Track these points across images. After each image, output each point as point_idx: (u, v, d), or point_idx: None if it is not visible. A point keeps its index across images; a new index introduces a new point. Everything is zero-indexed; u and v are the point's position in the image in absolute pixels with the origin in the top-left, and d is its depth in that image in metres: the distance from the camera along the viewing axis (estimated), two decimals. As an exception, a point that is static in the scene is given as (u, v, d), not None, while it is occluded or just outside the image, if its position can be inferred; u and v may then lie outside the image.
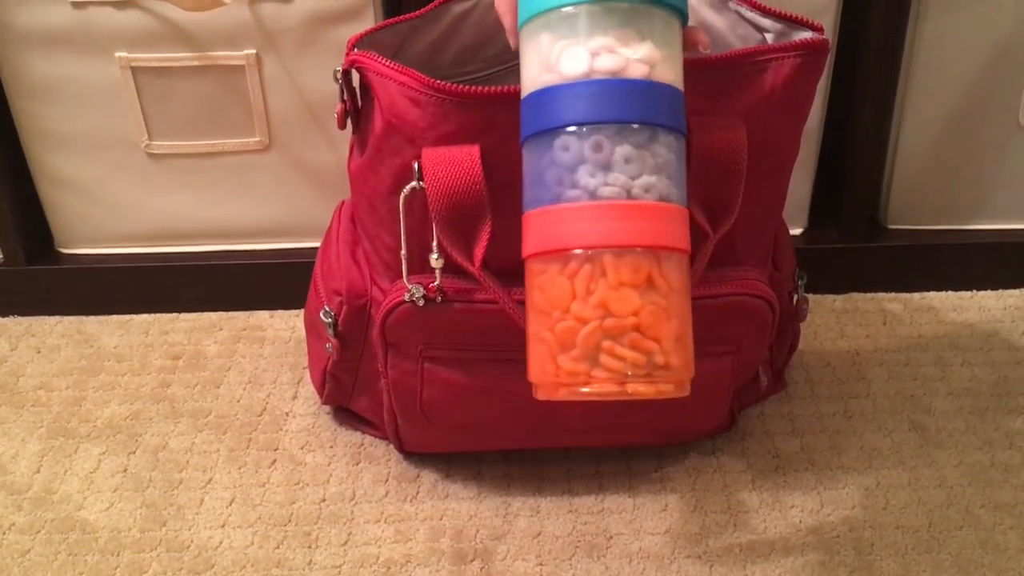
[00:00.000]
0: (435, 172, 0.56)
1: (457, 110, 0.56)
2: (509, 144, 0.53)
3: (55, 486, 0.71)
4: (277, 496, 0.70)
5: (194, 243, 0.90)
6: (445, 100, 0.55)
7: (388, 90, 0.57)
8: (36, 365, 0.84)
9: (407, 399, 0.66)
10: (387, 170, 0.60)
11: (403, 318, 0.61)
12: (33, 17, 0.79)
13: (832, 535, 0.66)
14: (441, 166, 0.56)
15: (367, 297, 0.66)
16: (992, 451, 0.73)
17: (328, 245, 0.72)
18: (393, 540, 0.66)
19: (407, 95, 0.56)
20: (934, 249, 0.90)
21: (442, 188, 0.56)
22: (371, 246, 0.66)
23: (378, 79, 0.58)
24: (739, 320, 0.63)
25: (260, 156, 0.85)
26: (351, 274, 0.67)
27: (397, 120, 0.57)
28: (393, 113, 0.58)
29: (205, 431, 0.76)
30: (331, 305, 0.68)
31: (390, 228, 0.62)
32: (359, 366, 0.69)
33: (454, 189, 0.56)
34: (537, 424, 0.67)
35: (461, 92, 0.55)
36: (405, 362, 0.64)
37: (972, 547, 0.65)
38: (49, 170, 0.87)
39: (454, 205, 0.56)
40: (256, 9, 0.78)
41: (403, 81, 0.57)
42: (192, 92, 0.82)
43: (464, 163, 0.56)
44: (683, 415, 0.68)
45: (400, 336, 0.63)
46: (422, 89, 0.56)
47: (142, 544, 0.66)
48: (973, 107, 0.85)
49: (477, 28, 0.69)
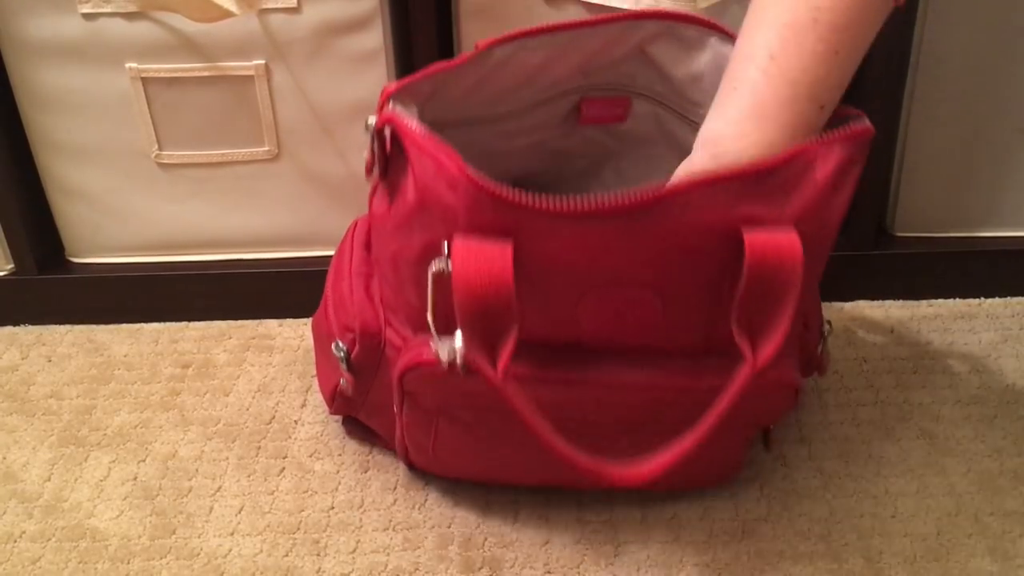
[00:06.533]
0: (464, 267, 0.52)
1: (493, 205, 0.52)
2: (544, 242, 0.52)
3: (65, 494, 0.71)
4: (286, 504, 0.70)
5: (203, 252, 0.91)
6: (482, 193, 0.52)
7: (425, 166, 0.54)
8: (47, 374, 0.84)
9: (420, 440, 0.66)
10: (418, 241, 0.57)
11: (423, 376, 0.60)
12: (44, 29, 0.79)
13: (841, 543, 0.66)
14: (470, 261, 0.52)
15: (381, 337, 0.64)
16: (1001, 459, 0.73)
17: (340, 272, 0.70)
18: (402, 548, 0.66)
19: (445, 177, 0.53)
20: (942, 256, 0.90)
21: (469, 286, 0.52)
22: (391, 292, 0.64)
23: (415, 151, 0.55)
24: (762, 400, 0.62)
25: (269, 166, 0.86)
26: (365, 313, 0.65)
27: (432, 200, 0.54)
28: (429, 191, 0.55)
29: (214, 439, 0.76)
30: (344, 341, 0.66)
31: (415, 289, 0.60)
32: (369, 393, 0.69)
33: (482, 290, 0.52)
34: (553, 473, 0.66)
35: (497, 193, 0.52)
36: (421, 412, 0.64)
37: (981, 555, 0.65)
38: (60, 180, 0.87)
39: (480, 306, 0.52)
40: (265, 20, 0.79)
41: (442, 162, 0.53)
42: (202, 102, 0.82)
43: (495, 262, 0.52)
44: (698, 467, 0.68)
45: (418, 389, 0.62)
46: (461, 177, 0.52)
47: (152, 552, 0.66)
48: (981, 114, 0.85)
49: (515, 72, 0.66)
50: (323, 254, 0.89)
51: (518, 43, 0.63)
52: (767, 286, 0.53)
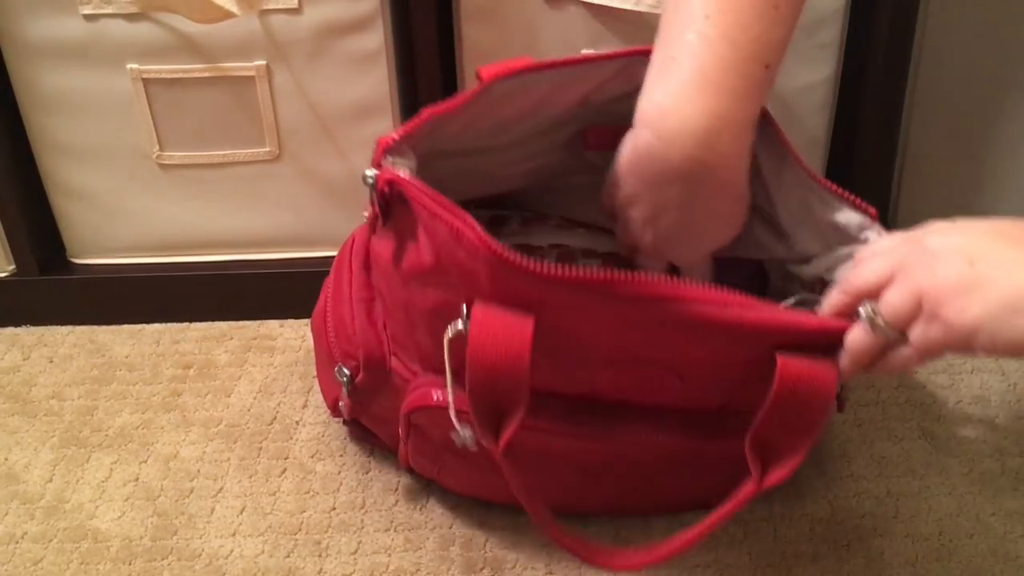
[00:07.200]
0: (480, 338, 0.50)
1: (516, 275, 0.50)
2: (566, 315, 0.51)
3: (67, 495, 0.71)
4: (288, 505, 0.70)
5: (205, 253, 0.91)
6: (505, 265, 0.49)
7: (438, 230, 0.52)
8: (48, 375, 0.84)
9: (425, 465, 0.67)
10: (433, 297, 0.55)
11: (431, 416, 0.60)
12: (45, 30, 0.79)
13: (842, 543, 0.66)
14: (488, 334, 0.50)
15: (386, 364, 0.63)
16: (1002, 459, 0.73)
17: (340, 294, 0.67)
18: (403, 548, 0.66)
19: (464, 246, 0.50)
20: (943, 256, 0.90)
21: (483, 359, 0.50)
22: (401, 332, 0.61)
23: (427, 215, 0.52)
24: None
25: (270, 166, 0.86)
26: (368, 341, 0.63)
27: (450, 262, 0.52)
28: (447, 254, 0.52)
29: (216, 440, 0.76)
30: (347, 367, 0.65)
31: (428, 336, 0.58)
32: (372, 407, 0.68)
33: (495, 366, 0.50)
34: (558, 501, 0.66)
35: (522, 265, 0.49)
36: (427, 443, 0.64)
37: (983, 555, 0.65)
38: (61, 181, 0.87)
39: (491, 380, 0.51)
40: (266, 20, 0.79)
41: (460, 230, 0.50)
42: (203, 103, 0.82)
43: (513, 341, 0.50)
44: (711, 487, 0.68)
45: (426, 424, 0.62)
46: (482, 247, 0.49)
47: (153, 553, 0.66)
48: (982, 114, 0.85)
49: (516, 105, 0.64)
50: (324, 255, 0.89)
51: (521, 78, 0.61)
52: (792, 415, 0.50)
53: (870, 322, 0.48)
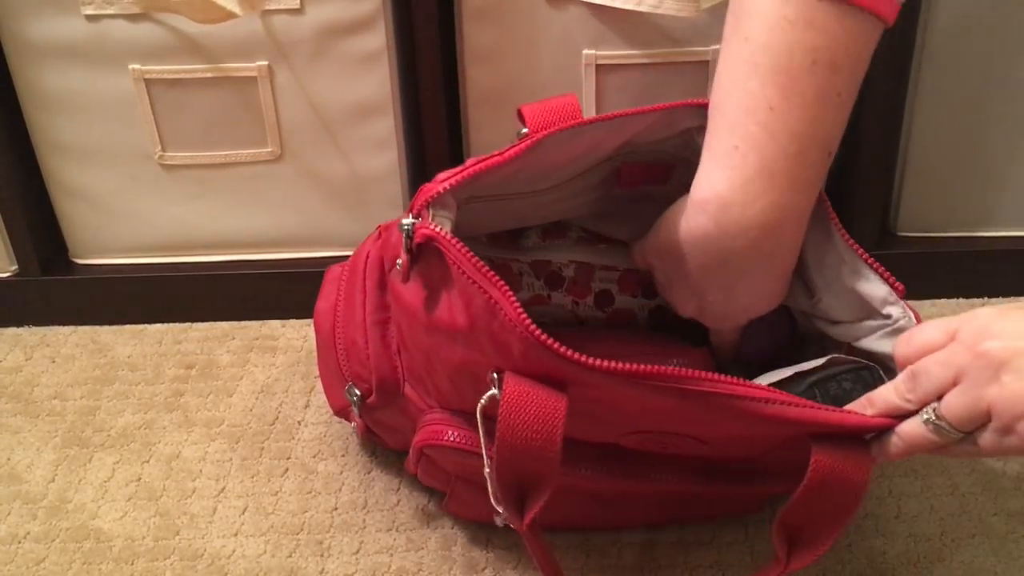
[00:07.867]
0: (513, 413, 0.49)
1: (549, 356, 0.49)
2: (596, 392, 0.50)
3: (70, 495, 0.72)
4: (290, 505, 0.70)
5: (207, 253, 0.91)
6: (539, 345, 0.49)
7: (474, 296, 0.51)
8: (51, 375, 0.85)
9: (436, 486, 0.67)
10: (461, 355, 0.54)
11: (444, 452, 0.60)
12: (47, 30, 0.79)
13: (844, 543, 0.66)
14: (521, 410, 0.49)
15: (400, 388, 0.63)
16: (1004, 459, 0.72)
17: (352, 317, 0.66)
18: (405, 548, 0.66)
19: (499, 319, 0.50)
20: (945, 256, 0.90)
21: (515, 434, 0.49)
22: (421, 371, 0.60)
23: (464, 279, 0.51)
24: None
25: (272, 167, 0.86)
26: (382, 367, 0.63)
27: (484, 329, 0.51)
28: (481, 321, 0.51)
29: (218, 440, 0.76)
30: (359, 388, 0.65)
31: (447, 383, 0.58)
32: (380, 416, 0.68)
33: (527, 443, 0.49)
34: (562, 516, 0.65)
35: (555, 349, 0.48)
36: (439, 471, 0.64)
37: (985, 555, 0.65)
38: (63, 181, 0.87)
39: (521, 455, 0.50)
40: (268, 20, 0.79)
41: (496, 302, 0.49)
42: (205, 103, 0.83)
43: (546, 418, 0.49)
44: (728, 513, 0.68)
45: (438, 457, 0.62)
46: (518, 324, 0.48)
47: (156, 553, 0.66)
48: (983, 114, 0.85)
49: (560, 155, 0.63)
50: (326, 255, 0.89)
51: (568, 133, 0.60)
52: (823, 505, 0.50)
53: (934, 426, 0.47)
